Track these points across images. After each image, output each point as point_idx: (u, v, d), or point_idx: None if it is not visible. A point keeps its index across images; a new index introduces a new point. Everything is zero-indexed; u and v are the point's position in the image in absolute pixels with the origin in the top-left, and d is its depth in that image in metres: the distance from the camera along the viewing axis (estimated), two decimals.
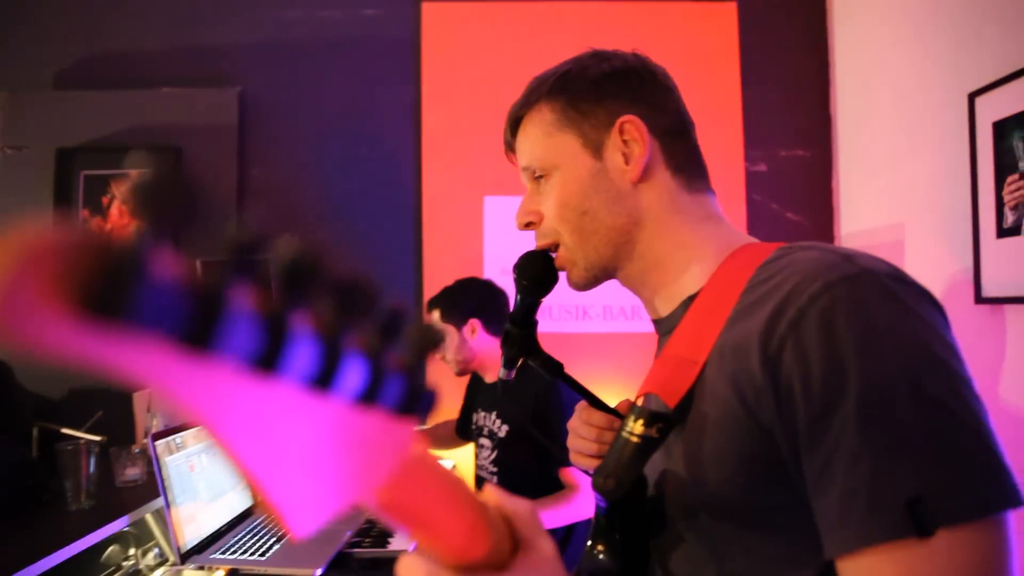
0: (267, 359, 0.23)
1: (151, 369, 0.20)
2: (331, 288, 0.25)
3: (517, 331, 0.93)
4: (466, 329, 2.04)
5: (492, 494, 0.46)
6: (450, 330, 2.05)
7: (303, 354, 0.25)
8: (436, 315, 2.09)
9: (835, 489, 0.53)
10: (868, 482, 0.51)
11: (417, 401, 0.31)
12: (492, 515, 0.42)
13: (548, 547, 0.45)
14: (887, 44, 2.28)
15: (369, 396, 0.28)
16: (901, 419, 0.51)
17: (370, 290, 0.27)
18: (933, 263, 2.01)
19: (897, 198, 2.22)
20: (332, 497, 0.28)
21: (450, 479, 0.39)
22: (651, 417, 0.64)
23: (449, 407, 2.36)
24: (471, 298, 2.08)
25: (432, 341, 0.31)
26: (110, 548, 1.62)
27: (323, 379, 0.26)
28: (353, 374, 0.27)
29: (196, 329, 0.21)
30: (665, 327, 0.77)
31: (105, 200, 2.68)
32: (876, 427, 0.51)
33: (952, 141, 1.90)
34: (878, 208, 2.35)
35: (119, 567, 1.64)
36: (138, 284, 0.18)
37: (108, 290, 0.18)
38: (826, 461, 0.53)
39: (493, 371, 2.07)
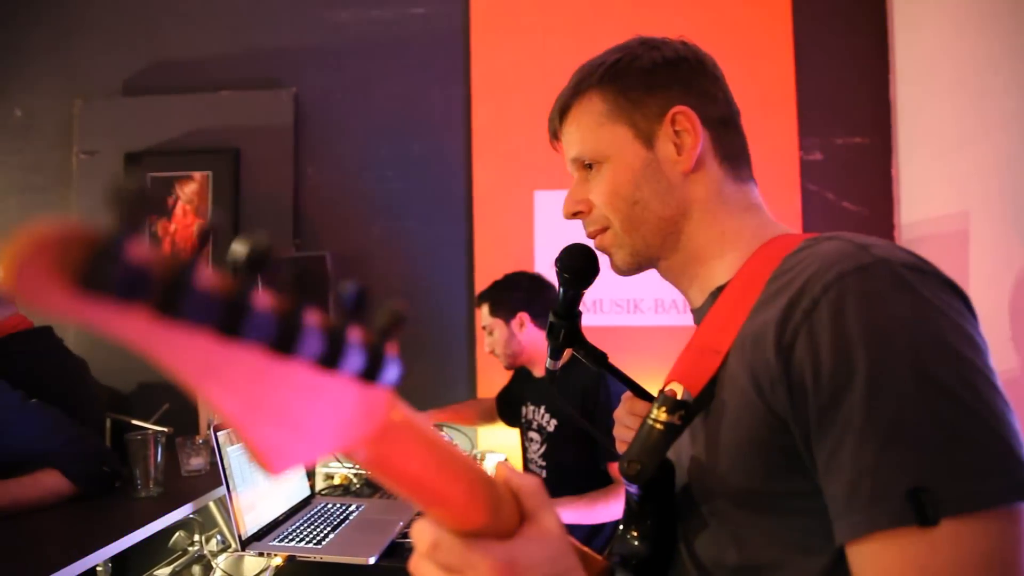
0: (233, 328, 0.28)
1: (137, 332, 0.25)
2: (292, 272, 0.30)
3: (561, 322, 0.94)
4: (514, 323, 2.04)
5: (501, 469, 0.48)
6: (499, 324, 2.06)
7: (268, 326, 0.29)
8: (485, 309, 2.10)
9: (842, 476, 0.53)
10: (871, 470, 0.51)
11: (380, 370, 0.34)
12: (497, 487, 0.45)
13: (553, 520, 0.46)
14: (949, 23, 2.18)
15: (332, 363, 0.32)
16: (905, 407, 0.51)
17: (324, 275, 0.31)
18: (1001, 253, 1.92)
19: (961, 185, 2.12)
20: (306, 446, 0.33)
21: (443, 447, 0.41)
22: (673, 405, 0.65)
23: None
24: (519, 292, 2.08)
25: (394, 318, 0.35)
26: (176, 534, 1.71)
27: (286, 346, 0.30)
28: (315, 343, 0.31)
29: (164, 296, 0.25)
30: (698, 317, 0.78)
31: (170, 201, 2.80)
32: (880, 415, 0.52)
33: (1021, 124, 1.82)
34: (940, 196, 2.26)
35: (185, 552, 1.72)
36: (111, 264, 0.24)
37: (87, 269, 0.23)
38: (834, 449, 0.54)
39: (542, 365, 2.07)
